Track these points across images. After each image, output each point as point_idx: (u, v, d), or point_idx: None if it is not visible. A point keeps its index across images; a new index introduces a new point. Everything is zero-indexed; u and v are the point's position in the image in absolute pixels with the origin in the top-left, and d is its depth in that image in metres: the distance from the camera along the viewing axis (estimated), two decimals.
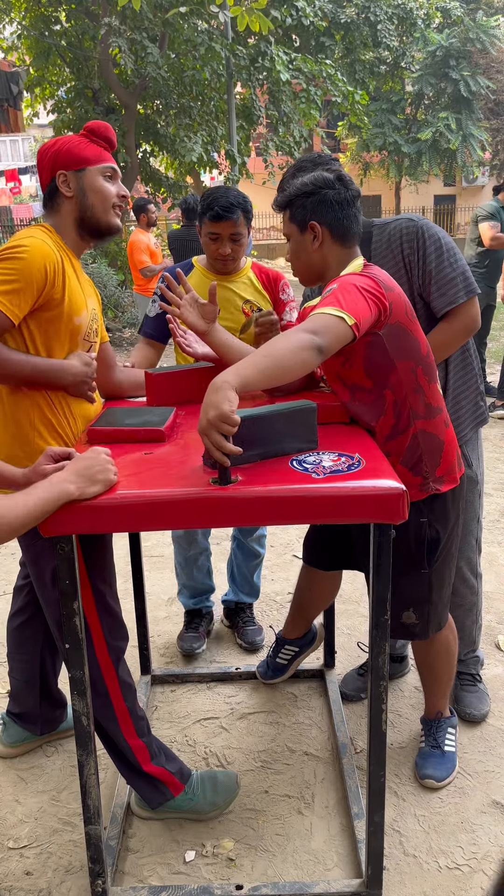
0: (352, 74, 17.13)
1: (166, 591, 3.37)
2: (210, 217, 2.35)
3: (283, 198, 1.91)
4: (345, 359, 1.82)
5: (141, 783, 1.97)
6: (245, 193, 2.43)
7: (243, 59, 11.29)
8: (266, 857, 1.94)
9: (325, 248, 1.86)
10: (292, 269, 1.97)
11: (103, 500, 1.47)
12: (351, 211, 1.86)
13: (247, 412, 1.59)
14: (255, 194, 20.71)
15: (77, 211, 1.83)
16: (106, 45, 10.31)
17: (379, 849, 1.75)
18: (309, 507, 1.48)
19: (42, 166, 1.84)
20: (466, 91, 19.25)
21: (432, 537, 1.94)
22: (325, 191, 1.84)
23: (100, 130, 1.87)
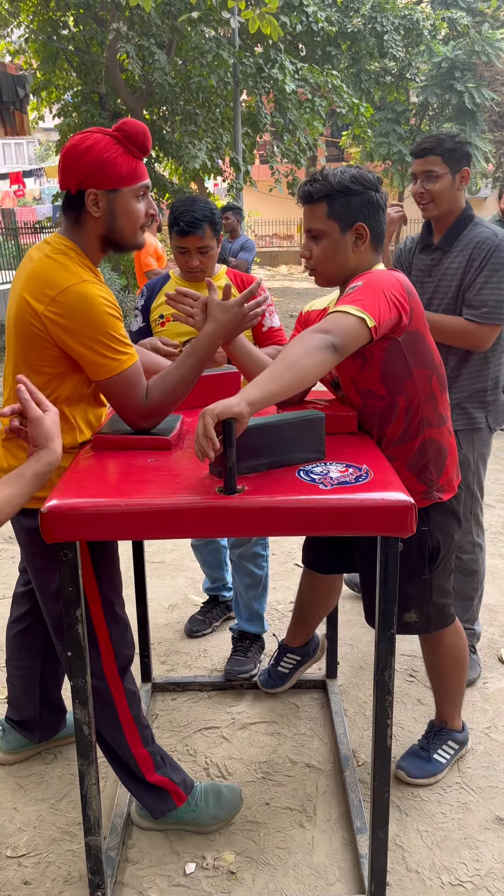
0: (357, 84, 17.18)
1: (167, 597, 3.35)
2: (176, 232, 2.41)
3: (323, 188, 1.78)
4: (362, 362, 1.81)
5: (144, 793, 1.96)
6: (213, 203, 2.47)
7: (250, 67, 11.33)
8: (267, 871, 1.92)
9: (364, 251, 1.82)
10: (315, 267, 1.87)
11: (108, 508, 1.46)
12: (385, 216, 1.84)
13: (254, 421, 1.58)
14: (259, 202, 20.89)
15: (103, 230, 1.72)
16: (113, 50, 10.34)
17: (382, 865, 1.73)
18: (316, 518, 1.47)
19: (69, 172, 1.67)
20: (471, 103, 19.29)
21: (433, 546, 1.94)
22: (371, 192, 1.79)
23: (137, 137, 1.68)
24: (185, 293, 1.87)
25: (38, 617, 2.13)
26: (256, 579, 2.71)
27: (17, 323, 1.69)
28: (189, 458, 1.71)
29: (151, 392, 1.73)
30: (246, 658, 2.71)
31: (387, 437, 1.87)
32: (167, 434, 1.77)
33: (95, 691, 1.83)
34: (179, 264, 2.51)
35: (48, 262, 1.67)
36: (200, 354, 1.78)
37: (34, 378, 1.70)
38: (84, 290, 1.63)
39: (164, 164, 13.80)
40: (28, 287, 1.66)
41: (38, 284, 1.65)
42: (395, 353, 1.79)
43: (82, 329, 1.63)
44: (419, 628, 2.04)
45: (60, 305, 1.62)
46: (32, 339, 1.67)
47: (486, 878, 1.89)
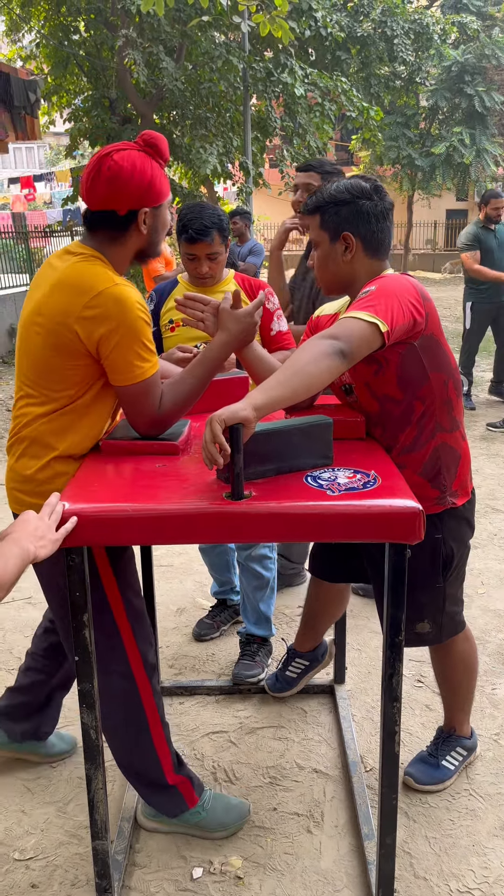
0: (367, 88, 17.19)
1: (175, 601, 3.36)
2: (185, 239, 2.42)
3: (314, 202, 1.85)
4: (377, 368, 1.81)
5: (160, 794, 1.97)
6: (221, 209, 2.49)
7: (259, 71, 11.36)
8: (274, 876, 1.92)
9: (356, 259, 1.84)
10: (317, 277, 1.93)
11: (116, 513, 1.46)
12: (385, 224, 1.83)
13: (262, 426, 1.59)
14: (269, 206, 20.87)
15: (144, 245, 1.77)
16: (122, 56, 10.40)
17: (390, 871, 1.72)
18: (323, 524, 1.47)
19: (120, 194, 1.67)
20: (481, 106, 19.28)
21: (447, 554, 1.94)
22: (361, 201, 1.80)
23: (164, 150, 1.73)
24: (195, 297, 1.88)
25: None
26: (264, 581, 2.71)
27: (45, 331, 1.68)
28: (197, 464, 1.71)
29: (164, 401, 1.74)
30: (254, 662, 2.71)
31: (399, 443, 1.87)
32: (175, 439, 1.77)
33: (123, 692, 1.85)
34: (189, 271, 2.52)
35: (80, 266, 1.68)
36: (211, 364, 1.79)
37: (58, 384, 1.71)
38: (120, 292, 1.65)
39: (174, 169, 13.85)
40: (59, 292, 1.67)
41: (71, 289, 1.65)
42: (411, 357, 1.79)
43: (117, 332, 1.64)
44: (431, 639, 2.03)
45: (96, 309, 1.63)
46: (62, 345, 1.67)
47: (495, 886, 1.88)
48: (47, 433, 1.74)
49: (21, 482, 1.78)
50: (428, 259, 25.65)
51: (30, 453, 1.76)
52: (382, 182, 14.66)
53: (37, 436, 1.74)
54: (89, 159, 1.74)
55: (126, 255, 1.77)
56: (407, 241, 23.52)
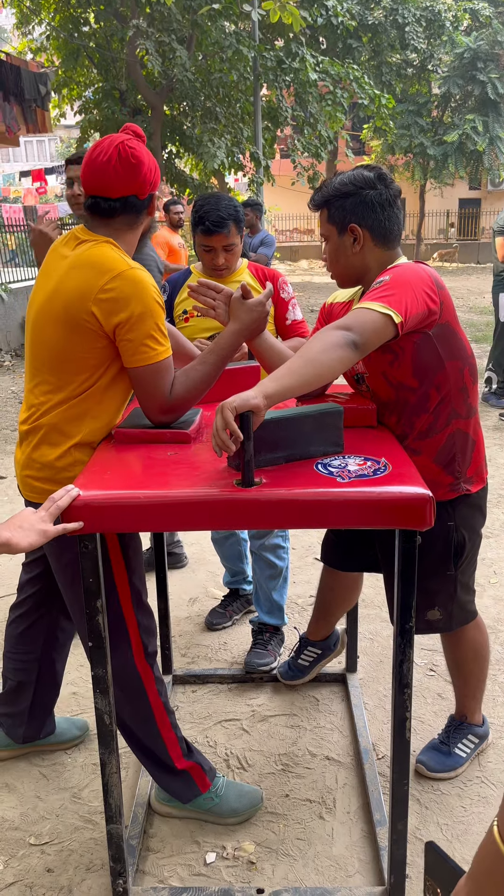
0: (378, 77, 17.08)
1: (188, 591, 3.37)
2: (202, 231, 2.42)
3: (319, 197, 1.87)
4: (393, 357, 1.81)
5: (172, 779, 1.98)
6: (236, 199, 2.48)
7: (270, 60, 11.30)
8: (287, 861, 1.93)
9: (366, 250, 1.84)
10: (330, 271, 1.94)
11: (128, 500, 1.47)
12: (392, 211, 1.83)
13: (272, 414, 1.59)
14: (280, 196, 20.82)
15: (147, 225, 1.85)
16: (133, 46, 10.38)
17: (402, 857, 1.73)
18: (333, 511, 1.47)
19: (139, 181, 1.74)
20: (494, 93, 19.10)
21: (459, 541, 1.94)
22: (365, 191, 1.80)
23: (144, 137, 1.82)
24: (208, 285, 1.89)
25: (39, 610, 2.15)
26: (277, 570, 2.72)
27: (62, 315, 1.70)
28: (208, 452, 1.72)
29: (175, 388, 1.75)
30: (266, 651, 2.72)
31: (414, 429, 1.87)
32: (186, 427, 1.78)
33: (127, 679, 1.87)
34: (205, 262, 2.52)
35: (96, 249, 1.71)
36: (223, 353, 1.80)
37: (75, 370, 1.73)
38: (138, 275, 1.68)
39: (184, 160, 13.82)
40: (76, 275, 1.69)
41: (88, 271, 1.68)
42: (426, 346, 1.80)
43: (135, 313, 1.67)
44: (442, 626, 2.03)
45: (114, 291, 1.66)
46: (79, 327, 1.69)
47: None
48: (66, 420, 1.76)
49: (38, 469, 1.79)
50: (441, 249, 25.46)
51: (49, 440, 1.78)
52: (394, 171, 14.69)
53: (56, 423, 1.76)
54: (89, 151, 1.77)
55: (136, 239, 1.83)
56: (419, 231, 23.37)
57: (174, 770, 1.97)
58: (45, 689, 2.25)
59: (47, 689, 2.26)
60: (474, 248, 25.04)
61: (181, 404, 1.77)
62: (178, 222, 7.29)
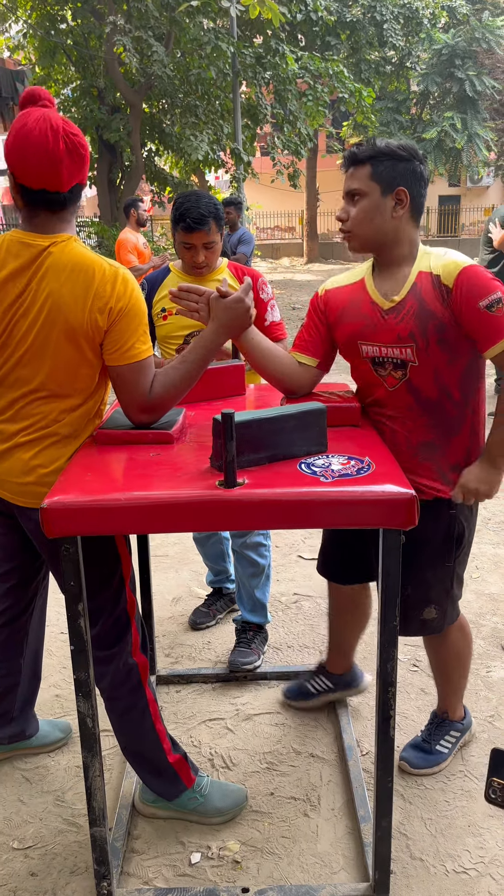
0: (357, 74, 17.09)
1: (171, 591, 3.36)
2: (182, 228, 2.41)
3: (366, 151, 1.80)
4: (451, 358, 1.82)
5: (160, 777, 1.99)
6: (216, 197, 2.47)
7: (249, 57, 11.28)
8: (272, 860, 1.94)
9: (403, 219, 1.82)
10: (351, 230, 1.86)
11: (109, 502, 1.46)
12: (426, 192, 1.84)
13: (255, 414, 1.59)
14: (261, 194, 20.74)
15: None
16: (111, 43, 10.31)
17: (386, 853, 1.74)
18: (316, 511, 1.47)
19: (83, 163, 1.67)
20: (472, 91, 19.20)
21: (460, 531, 1.96)
22: (417, 162, 1.80)
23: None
24: (189, 289, 1.88)
25: (18, 620, 2.13)
26: (259, 568, 2.71)
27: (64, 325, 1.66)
28: (191, 452, 1.71)
29: (155, 387, 1.75)
30: (250, 650, 2.72)
31: (450, 450, 1.92)
32: (169, 428, 1.77)
33: (131, 674, 1.89)
34: (185, 260, 2.51)
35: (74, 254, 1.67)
36: (204, 352, 1.79)
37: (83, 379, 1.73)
38: (125, 275, 1.69)
39: (164, 158, 13.76)
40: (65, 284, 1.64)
41: (78, 277, 1.65)
42: (475, 359, 1.86)
43: (124, 312, 1.68)
44: (436, 626, 2.05)
45: (110, 293, 1.66)
46: (85, 336, 1.67)
47: (490, 866, 1.90)
48: (79, 423, 1.78)
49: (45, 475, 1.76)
50: None
51: (63, 444, 1.78)
52: None
53: (73, 429, 1.77)
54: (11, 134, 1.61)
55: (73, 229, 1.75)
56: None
57: (165, 765, 1.97)
58: (29, 685, 2.24)
59: (31, 684, 2.25)
60: (454, 244, 25.18)
61: (161, 404, 1.76)
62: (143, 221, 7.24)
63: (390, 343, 1.85)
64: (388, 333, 1.85)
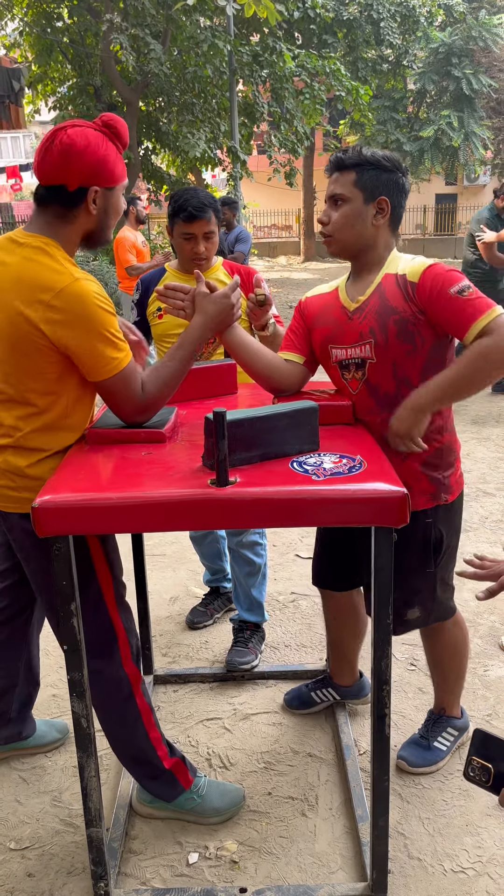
0: (354, 72, 17.06)
1: (168, 590, 3.36)
2: (184, 218, 2.41)
3: (353, 158, 1.82)
4: (412, 349, 1.81)
5: (157, 779, 1.97)
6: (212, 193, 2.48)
7: (246, 55, 11.26)
8: (270, 860, 1.93)
9: (382, 227, 1.85)
10: (331, 235, 1.88)
11: (100, 501, 1.46)
12: (405, 203, 1.87)
13: (247, 413, 1.58)
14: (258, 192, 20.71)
15: (92, 226, 1.72)
16: (108, 41, 10.28)
17: (384, 852, 1.74)
18: (308, 509, 1.47)
19: (70, 168, 1.63)
20: (468, 89, 19.15)
21: (437, 537, 1.95)
22: (400, 174, 1.84)
23: (124, 134, 1.70)
24: (176, 287, 1.87)
25: (17, 618, 2.12)
26: (255, 567, 2.71)
27: (9, 331, 1.64)
28: (183, 451, 1.71)
29: (147, 387, 1.73)
30: (247, 649, 2.71)
31: None
32: (161, 427, 1.77)
33: (118, 684, 1.86)
34: (184, 252, 2.48)
35: (30, 263, 1.63)
36: (190, 346, 1.78)
37: (41, 385, 1.68)
38: (79, 289, 1.61)
39: (161, 157, 13.74)
40: (17, 292, 1.62)
41: (28, 290, 1.61)
42: (440, 349, 1.84)
43: (82, 330, 1.61)
44: (420, 622, 2.04)
45: (58, 310, 1.60)
46: (32, 349, 1.64)
47: (488, 865, 1.89)
48: (36, 434, 1.72)
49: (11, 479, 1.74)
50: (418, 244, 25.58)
51: (18, 454, 1.73)
52: None
53: (24, 439, 1.72)
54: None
55: (74, 236, 1.72)
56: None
57: (161, 770, 1.96)
58: (27, 687, 2.24)
59: (28, 686, 2.24)
60: (451, 242, 25.16)
61: (154, 403, 1.75)
62: (142, 219, 7.21)
63: (353, 342, 1.87)
64: (352, 334, 1.88)
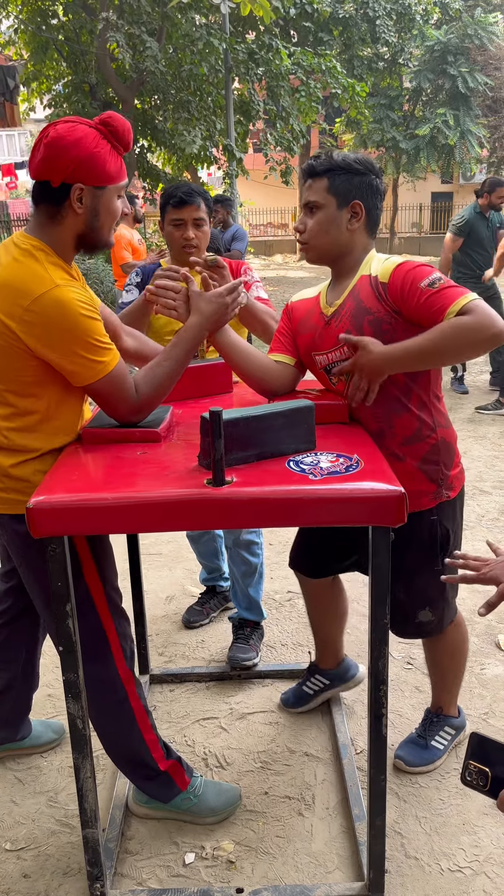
0: (350, 70, 17.06)
1: (165, 589, 3.35)
2: (173, 204, 2.41)
3: (324, 164, 1.82)
4: (389, 340, 1.80)
5: (152, 781, 1.97)
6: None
7: (241, 52, 11.23)
8: (266, 860, 1.93)
9: (358, 231, 1.85)
10: (308, 242, 1.87)
11: (95, 502, 1.45)
12: (381, 204, 1.87)
13: (243, 412, 1.57)
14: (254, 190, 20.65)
15: (82, 228, 1.67)
16: (103, 39, 10.25)
17: (381, 852, 1.73)
18: (305, 509, 1.46)
19: (55, 163, 1.59)
20: (464, 87, 19.15)
21: (444, 535, 1.95)
22: (372, 176, 1.83)
23: (124, 135, 1.65)
24: (167, 286, 1.85)
25: (20, 619, 2.11)
26: (252, 567, 2.70)
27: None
28: (178, 450, 1.70)
29: (140, 387, 1.72)
30: (248, 645, 2.72)
31: (395, 430, 1.87)
32: (156, 426, 1.76)
33: (111, 687, 1.84)
34: (174, 241, 2.46)
35: (16, 267, 1.61)
36: (186, 346, 1.77)
37: (18, 387, 1.66)
38: (57, 296, 1.57)
39: (156, 155, 13.71)
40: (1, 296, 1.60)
41: (8, 295, 1.58)
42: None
43: (60, 339, 1.58)
44: (433, 628, 2.04)
45: (34, 315, 1.57)
46: (9, 351, 1.62)
47: (485, 864, 1.89)
48: (18, 436, 1.70)
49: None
50: (414, 242, 25.58)
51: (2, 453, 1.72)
52: None
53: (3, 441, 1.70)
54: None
55: (65, 237, 1.67)
56: (393, 225, 23.44)
57: (156, 772, 1.95)
58: (24, 690, 2.23)
59: (26, 689, 2.23)
60: None
61: (149, 402, 1.74)
62: (139, 217, 7.21)
63: (331, 347, 1.87)
64: (329, 339, 1.87)
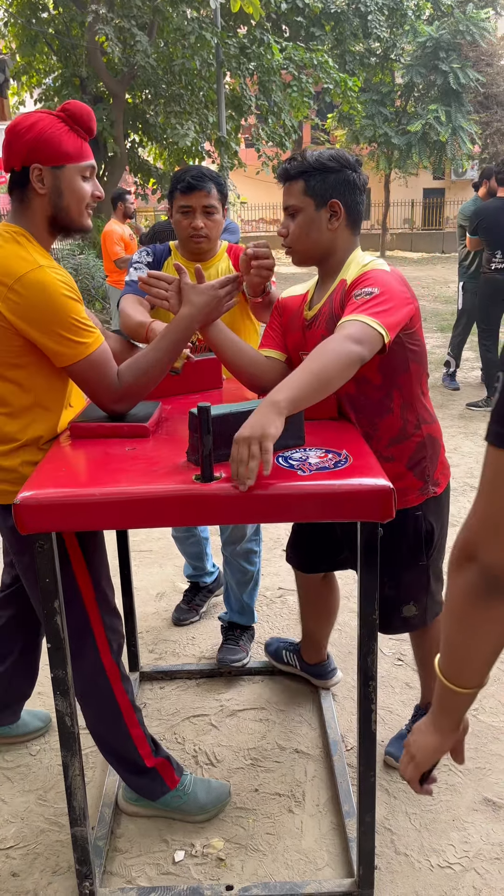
0: (342, 66, 17.02)
1: (155, 586, 3.34)
2: (181, 189, 2.25)
3: (297, 167, 1.80)
4: None
5: (140, 778, 1.96)
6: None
7: (233, 47, 11.19)
8: (256, 857, 1.92)
9: (339, 230, 1.82)
10: (290, 246, 1.86)
11: (83, 497, 1.43)
12: (363, 197, 1.83)
13: (231, 407, 1.56)
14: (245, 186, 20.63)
15: (49, 210, 1.69)
16: (93, 32, 10.18)
17: (370, 848, 1.73)
18: (294, 505, 1.45)
19: (13, 149, 1.64)
20: (456, 83, 19.16)
21: (428, 529, 1.94)
22: (348, 171, 1.79)
23: (82, 117, 1.67)
24: (159, 276, 1.83)
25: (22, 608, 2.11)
26: (249, 575, 2.66)
27: None
28: (167, 446, 1.68)
29: (123, 375, 1.71)
30: (238, 647, 2.69)
31: (380, 432, 1.86)
32: (145, 421, 1.74)
33: (95, 680, 1.84)
34: (182, 231, 2.31)
35: (1, 249, 1.63)
36: (174, 337, 1.75)
37: (2, 370, 1.65)
38: (41, 276, 1.59)
39: (148, 149, 13.66)
40: None
41: None
42: (396, 346, 1.80)
43: (42, 317, 1.59)
44: (418, 622, 2.04)
45: (17, 294, 1.58)
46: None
47: (475, 860, 1.89)
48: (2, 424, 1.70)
49: None
50: (406, 238, 25.60)
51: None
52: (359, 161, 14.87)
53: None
54: None
55: (39, 221, 1.70)
56: (385, 221, 23.44)
57: (143, 768, 1.94)
58: (23, 679, 2.23)
59: (25, 679, 2.24)
60: (439, 237, 25.21)
61: (132, 392, 1.72)
62: (131, 213, 7.17)
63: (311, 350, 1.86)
64: (311, 342, 1.86)
